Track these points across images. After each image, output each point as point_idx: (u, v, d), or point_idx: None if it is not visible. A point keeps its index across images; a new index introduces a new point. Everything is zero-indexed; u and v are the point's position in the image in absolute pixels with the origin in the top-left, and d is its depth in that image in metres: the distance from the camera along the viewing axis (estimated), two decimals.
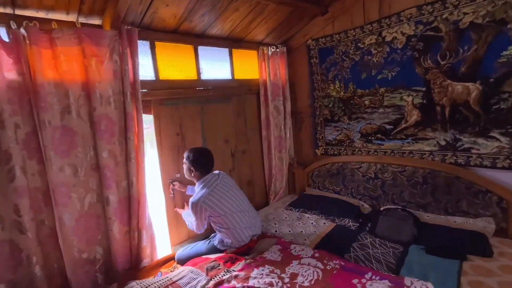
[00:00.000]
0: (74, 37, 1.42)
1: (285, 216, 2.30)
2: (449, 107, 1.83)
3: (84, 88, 1.49)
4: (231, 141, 2.41)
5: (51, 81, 1.39)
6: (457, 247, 1.55)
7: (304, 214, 2.29)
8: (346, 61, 2.29)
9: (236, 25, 2.15)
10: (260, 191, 2.73)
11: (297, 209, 2.38)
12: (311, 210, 2.30)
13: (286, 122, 2.69)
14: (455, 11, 1.70)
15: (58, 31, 1.39)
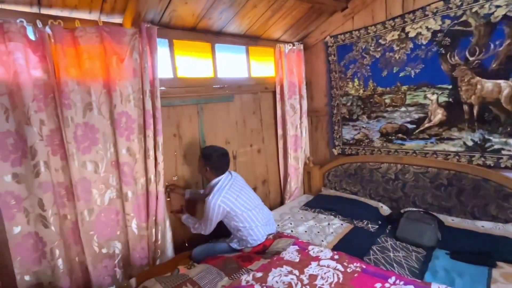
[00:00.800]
0: (96, 35, 1.45)
1: (300, 216, 2.27)
2: (477, 105, 1.73)
3: (105, 85, 1.52)
4: (232, 142, 2.33)
5: (74, 79, 1.42)
6: (485, 253, 1.47)
7: (320, 214, 2.24)
8: (366, 58, 2.22)
9: (253, 23, 2.13)
10: (275, 190, 2.70)
11: (313, 209, 2.34)
12: (327, 210, 2.25)
13: (302, 121, 2.65)
14: (486, 4, 1.61)
15: (81, 29, 1.41)
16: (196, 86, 2.03)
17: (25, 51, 1.27)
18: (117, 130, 1.54)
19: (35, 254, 1.36)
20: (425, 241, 1.63)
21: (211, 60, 2.13)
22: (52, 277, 1.39)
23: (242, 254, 1.63)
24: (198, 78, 2.07)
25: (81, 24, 1.45)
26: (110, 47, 1.48)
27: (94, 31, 1.44)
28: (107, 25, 1.53)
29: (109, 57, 1.49)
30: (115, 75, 1.51)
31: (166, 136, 1.83)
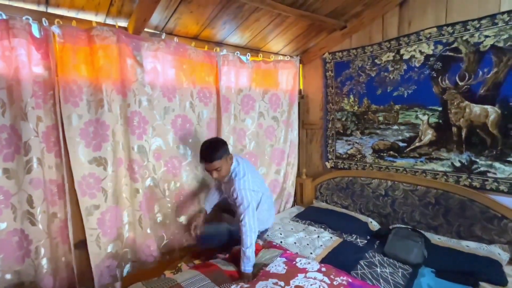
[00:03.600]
0: (112, 36, 1.51)
1: (291, 228, 2.27)
2: (465, 128, 1.81)
3: (116, 84, 1.57)
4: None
5: (84, 77, 1.46)
6: (469, 272, 1.50)
7: (310, 226, 2.26)
8: (362, 76, 2.30)
9: (255, 35, 2.19)
10: None
11: (304, 221, 2.35)
12: (318, 223, 2.27)
13: (289, 134, 2.68)
14: (476, 33, 1.71)
15: (99, 29, 1.45)
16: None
17: (28, 48, 1.29)
18: (129, 128, 1.63)
19: (19, 252, 1.34)
20: (411, 258, 1.65)
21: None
22: (35, 277, 1.37)
23: (227, 256, 1.63)
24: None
25: (85, 25, 1.48)
26: (125, 49, 1.58)
27: (110, 34, 1.50)
28: (119, 28, 1.59)
29: (123, 58, 1.58)
30: (129, 77, 1.62)
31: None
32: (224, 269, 1.58)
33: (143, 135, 1.71)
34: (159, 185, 1.82)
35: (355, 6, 2.14)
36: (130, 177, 1.67)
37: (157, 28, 1.81)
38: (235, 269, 1.62)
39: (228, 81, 2.21)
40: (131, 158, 1.65)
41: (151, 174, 1.78)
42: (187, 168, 1.98)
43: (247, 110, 2.40)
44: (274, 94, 2.53)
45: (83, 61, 1.46)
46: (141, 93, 1.69)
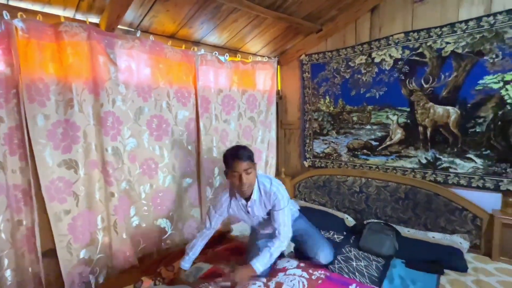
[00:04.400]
0: (83, 32, 1.43)
1: None
2: (430, 128, 1.94)
3: (87, 83, 1.50)
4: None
5: (52, 75, 1.38)
6: (435, 262, 1.62)
7: None
8: (337, 78, 2.39)
9: (233, 36, 2.20)
10: None
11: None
12: None
13: (267, 134, 2.71)
14: (438, 40, 1.85)
15: (67, 25, 1.38)
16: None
17: None
18: (102, 129, 1.54)
19: None
20: (384, 251, 1.74)
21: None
22: None
23: (212, 270, 1.61)
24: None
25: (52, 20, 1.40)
26: (96, 46, 1.50)
27: (81, 30, 1.43)
28: (90, 25, 1.51)
29: (95, 55, 1.50)
30: (102, 75, 1.53)
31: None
32: (203, 274, 1.57)
33: (117, 136, 1.65)
34: (134, 188, 1.76)
35: (330, 10, 2.22)
36: (105, 180, 1.60)
37: (132, 26, 1.75)
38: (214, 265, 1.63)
39: (207, 81, 2.20)
40: (105, 160, 1.58)
41: (126, 176, 1.72)
42: (164, 169, 1.94)
43: (229, 110, 2.40)
44: (252, 95, 2.55)
45: (50, 58, 1.38)
46: (115, 93, 1.63)
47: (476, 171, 1.80)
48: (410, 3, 1.95)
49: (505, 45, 1.62)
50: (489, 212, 1.73)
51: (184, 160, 2.08)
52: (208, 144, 2.25)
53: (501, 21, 1.62)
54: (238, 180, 1.38)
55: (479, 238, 1.77)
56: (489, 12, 1.66)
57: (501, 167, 1.70)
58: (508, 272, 1.56)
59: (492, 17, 1.64)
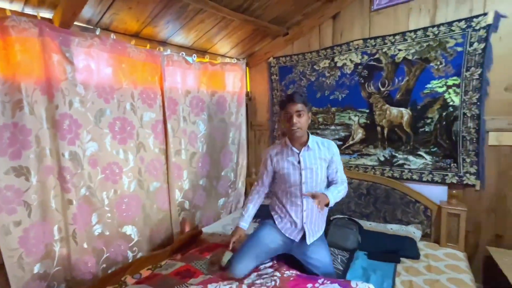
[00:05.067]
0: (33, 28, 1.32)
1: None
2: (387, 128, 2.11)
3: (40, 83, 1.39)
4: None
5: None
6: (393, 251, 1.75)
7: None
8: (304, 81, 2.48)
9: (200, 36, 2.18)
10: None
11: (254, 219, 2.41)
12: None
13: (237, 136, 2.73)
14: (392, 47, 2.01)
15: (15, 19, 1.27)
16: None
17: None
18: (58, 132, 1.44)
19: None
20: (348, 245, 1.85)
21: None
22: None
23: (183, 268, 1.58)
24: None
25: None
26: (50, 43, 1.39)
27: (32, 25, 1.32)
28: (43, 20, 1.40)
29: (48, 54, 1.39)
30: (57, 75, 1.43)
31: None
32: (169, 272, 1.54)
33: (76, 140, 1.55)
34: (96, 194, 1.67)
35: (295, 15, 2.30)
36: (61, 187, 1.49)
37: (90, 23, 1.66)
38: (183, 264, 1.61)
39: (174, 82, 2.15)
40: (62, 165, 1.47)
41: (86, 182, 1.62)
42: (130, 174, 1.86)
43: (197, 112, 2.37)
44: (221, 96, 2.55)
45: None
46: (72, 94, 1.53)
47: (426, 166, 1.98)
48: (367, 12, 2.10)
49: (447, 53, 1.81)
50: (437, 203, 1.92)
51: (151, 164, 2.01)
52: (177, 147, 2.20)
53: (443, 32, 1.81)
54: (288, 121, 1.38)
55: (430, 227, 1.95)
56: (434, 23, 1.85)
57: (446, 163, 1.90)
58: (453, 256, 1.75)
59: (436, 28, 1.83)
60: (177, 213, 2.23)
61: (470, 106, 1.77)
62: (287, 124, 1.40)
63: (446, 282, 1.47)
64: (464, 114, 1.80)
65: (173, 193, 2.16)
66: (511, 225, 1.75)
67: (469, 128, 1.79)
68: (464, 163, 1.83)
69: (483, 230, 1.84)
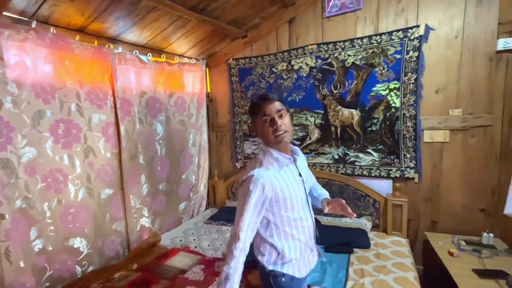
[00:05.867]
0: None
1: (204, 231, 2.29)
2: (340, 127, 2.25)
3: None
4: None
5: None
6: (347, 243, 1.88)
7: (223, 226, 2.33)
8: (263, 82, 2.53)
9: (156, 35, 2.09)
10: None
11: (217, 222, 2.41)
12: (230, 222, 2.35)
13: (198, 137, 2.69)
14: (342, 52, 2.16)
15: None
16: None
17: None
18: None
19: None
20: None
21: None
22: None
23: (139, 278, 1.50)
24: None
25: None
26: None
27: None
28: None
29: None
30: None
31: None
32: (123, 284, 1.46)
33: (7, 145, 1.37)
34: (35, 206, 1.49)
35: (253, 18, 2.34)
36: None
37: (25, 14, 1.48)
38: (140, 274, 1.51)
39: (127, 82, 2.03)
40: None
41: (22, 193, 1.44)
42: (76, 181, 1.70)
43: (154, 113, 2.27)
44: (180, 97, 2.48)
45: None
46: (2, 93, 1.35)
47: (374, 163, 2.17)
48: (320, 19, 2.23)
49: (388, 60, 2.01)
50: (384, 196, 2.11)
51: (102, 169, 1.87)
52: (132, 150, 2.08)
53: (385, 40, 2.00)
54: (271, 125, 1.00)
55: (378, 218, 2.13)
56: (377, 32, 2.04)
57: (390, 159, 2.10)
58: (398, 243, 1.93)
59: (379, 36, 2.01)
60: (134, 220, 2.10)
61: (408, 108, 1.98)
62: (268, 130, 1.01)
63: (392, 267, 1.63)
64: (404, 114, 2.00)
65: (128, 200, 2.03)
66: (443, 211, 1.99)
67: (408, 127, 2.00)
68: (405, 158, 2.04)
69: (422, 218, 2.07)
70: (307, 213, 1.10)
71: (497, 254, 1.60)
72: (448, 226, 1.97)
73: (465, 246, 1.69)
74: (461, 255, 1.62)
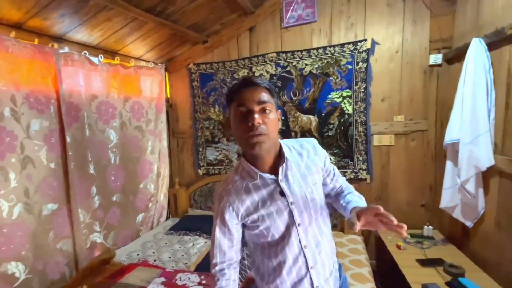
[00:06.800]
0: None
1: (165, 242, 2.17)
2: (299, 133, 2.35)
3: None
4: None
5: None
6: None
7: (185, 236, 2.24)
8: (225, 88, 2.53)
9: (108, 36, 1.96)
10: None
11: (178, 232, 2.31)
12: (192, 231, 2.28)
13: (158, 144, 2.58)
14: (300, 61, 2.26)
15: None
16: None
17: None
18: None
19: None
20: None
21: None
22: None
23: None
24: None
25: None
26: None
27: None
28: None
29: None
30: None
31: None
32: None
33: None
34: None
35: (214, 24, 2.34)
36: None
37: None
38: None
39: (74, 85, 1.86)
40: None
41: None
42: (11, 197, 1.49)
43: (107, 119, 2.11)
44: (137, 102, 2.35)
45: None
46: None
47: None
48: (279, 28, 2.31)
49: (341, 69, 2.16)
50: None
51: (44, 182, 1.67)
52: (81, 160, 1.90)
53: (338, 51, 2.15)
54: (245, 120, 0.73)
55: (337, 218, 2.26)
56: (331, 43, 2.19)
57: (345, 162, 2.25)
58: (354, 241, 2.06)
59: (332, 47, 2.16)
60: (83, 237, 1.91)
61: (359, 114, 2.15)
62: (240, 126, 0.75)
63: (349, 264, 1.72)
64: (356, 120, 2.17)
65: (76, 215, 1.84)
66: (392, 208, 2.19)
67: (360, 132, 2.16)
68: (358, 161, 2.20)
69: None
70: (296, 253, 0.80)
71: (436, 244, 1.81)
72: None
73: (410, 239, 1.87)
74: (407, 248, 1.79)
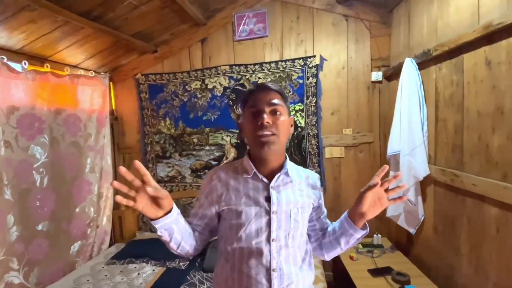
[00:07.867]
0: None
1: (104, 274, 1.90)
2: None
3: None
4: None
5: None
6: None
7: (130, 265, 2.00)
8: (176, 100, 2.39)
9: (34, 39, 1.72)
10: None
11: (122, 260, 2.05)
12: (139, 258, 2.04)
13: (99, 161, 2.32)
14: (253, 74, 2.26)
15: None
16: None
17: None
18: None
19: None
20: None
21: None
22: None
23: None
24: None
25: None
26: None
27: None
28: None
29: None
30: None
31: None
32: None
33: None
34: None
35: (162, 33, 2.22)
36: None
37: None
38: None
39: None
40: None
41: None
42: None
43: (32, 134, 1.82)
44: (72, 115, 2.09)
45: None
46: None
47: None
48: (231, 41, 2.29)
49: (293, 84, 2.20)
50: None
51: None
52: None
53: (289, 66, 2.19)
54: (256, 121, 0.76)
55: None
56: (282, 58, 2.22)
57: None
58: None
59: (284, 62, 2.20)
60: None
61: (311, 127, 2.20)
62: (250, 126, 0.78)
63: None
64: (308, 133, 2.21)
65: None
66: None
67: (312, 145, 2.20)
68: None
69: None
70: (262, 260, 0.77)
71: (385, 252, 1.87)
72: None
73: (362, 248, 1.91)
74: (359, 258, 1.82)
